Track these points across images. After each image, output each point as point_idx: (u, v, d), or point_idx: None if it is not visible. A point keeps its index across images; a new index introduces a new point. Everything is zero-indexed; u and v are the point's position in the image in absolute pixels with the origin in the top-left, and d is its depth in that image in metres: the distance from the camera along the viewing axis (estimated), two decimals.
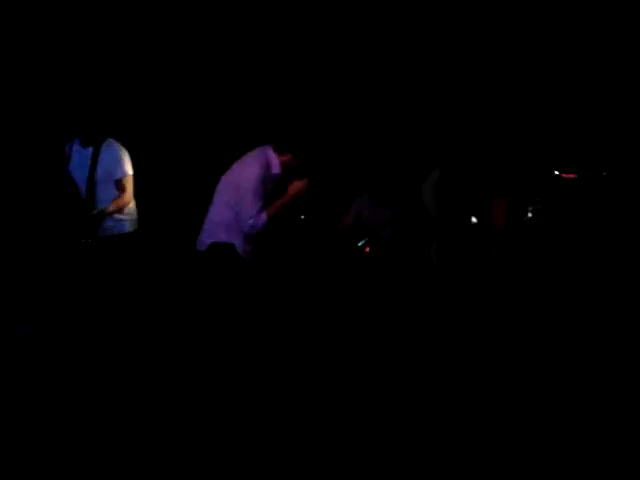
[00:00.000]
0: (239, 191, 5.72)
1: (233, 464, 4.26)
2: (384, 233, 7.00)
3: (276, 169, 5.77)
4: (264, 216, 5.70)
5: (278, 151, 5.80)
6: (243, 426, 4.62)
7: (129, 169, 6.07)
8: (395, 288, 6.62)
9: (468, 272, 6.35)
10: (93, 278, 5.87)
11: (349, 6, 7.20)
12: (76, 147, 6.04)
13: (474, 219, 6.43)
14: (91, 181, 5.94)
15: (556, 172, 6.76)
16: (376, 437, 4.52)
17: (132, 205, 6.16)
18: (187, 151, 7.54)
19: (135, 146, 6.18)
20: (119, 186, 6.06)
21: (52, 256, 6.21)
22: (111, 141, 6.05)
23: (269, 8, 7.21)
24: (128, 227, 6.15)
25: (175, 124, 7.55)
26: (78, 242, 5.89)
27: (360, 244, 7.06)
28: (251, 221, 5.68)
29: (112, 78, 7.09)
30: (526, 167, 6.54)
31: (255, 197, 5.69)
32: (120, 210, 6.03)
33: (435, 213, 6.55)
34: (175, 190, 7.46)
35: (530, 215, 6.49)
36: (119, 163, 6.02)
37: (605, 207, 6.60)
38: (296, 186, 5.82)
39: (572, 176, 6.76)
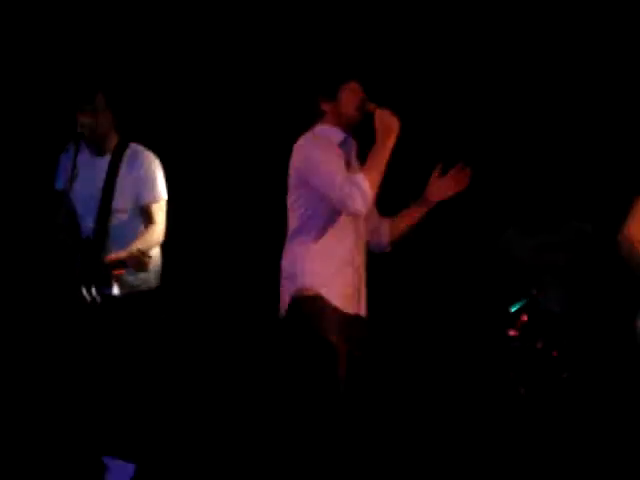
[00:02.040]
0: (301, 176, 3.84)
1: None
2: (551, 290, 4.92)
3: (336, 134, 3.92)
4: (361, 178, 3.72)
5: (328, 99, 3.91)
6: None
7: (164, 191, 4.44)
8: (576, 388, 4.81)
9: None
10: (102, 356, 4.30)
11: None
12: (83, 157, 4.35)
13: None
14: (105, 207, 4.30)
15: None
16: None
17: (158, 248, 4.48)
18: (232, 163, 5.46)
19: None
20: (147, 215, 4.38)
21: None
22: (138, 148, 4.43)
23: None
24: (152, 280, 4.43)
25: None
26: (78, 303, 4.22)
27: (514, 309, 4.73)
28: (346, 191, 3.70)
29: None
30: None
31: (328, 165, 3.77)
32: (148, 251, 4.31)
33: None
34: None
35: None
36: (151, 181, 4.39)
37: None
38: (385, 121, 3.79)
39: None
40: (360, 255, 3.94)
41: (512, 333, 4.90)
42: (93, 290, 4.17)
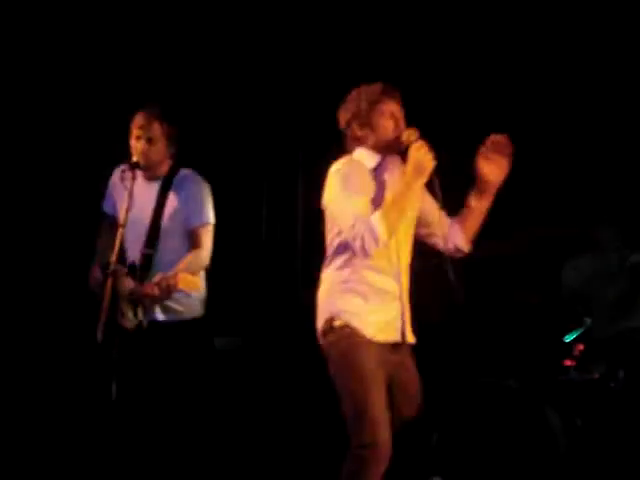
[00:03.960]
0: (326, 203, 3.81)
1: None
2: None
3: (370, 159, 3.82)
4: (376, 220, 3.60)
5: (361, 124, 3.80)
6: None
7: (212, 215, 4.39)
8: None
9: None
10: (145, 384, 4.27)
11: None
12: (136, 183, 4.25)
13: None
14: (155, 231, 4.28)
15: None
16: None
17: (202, 274, 4.37)
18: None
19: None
20: (194, 239, 4.31)
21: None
22: (187, 172, 4.40)
23: None
24: (196, 308, 4.37)
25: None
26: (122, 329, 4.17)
27: (569, 338, 4.66)
28: (355, 230, 3.60)
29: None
30: None
31: (347, 200, 3.67)
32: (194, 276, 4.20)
33: None
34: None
35: None
36: (200, 204, 4.35)
37: None
38: (418, 158, 3.63)
39: None
40: (400, 282, 3.81)
41: (568, 363, 4.86)
42: (139, 313, 4.13)
